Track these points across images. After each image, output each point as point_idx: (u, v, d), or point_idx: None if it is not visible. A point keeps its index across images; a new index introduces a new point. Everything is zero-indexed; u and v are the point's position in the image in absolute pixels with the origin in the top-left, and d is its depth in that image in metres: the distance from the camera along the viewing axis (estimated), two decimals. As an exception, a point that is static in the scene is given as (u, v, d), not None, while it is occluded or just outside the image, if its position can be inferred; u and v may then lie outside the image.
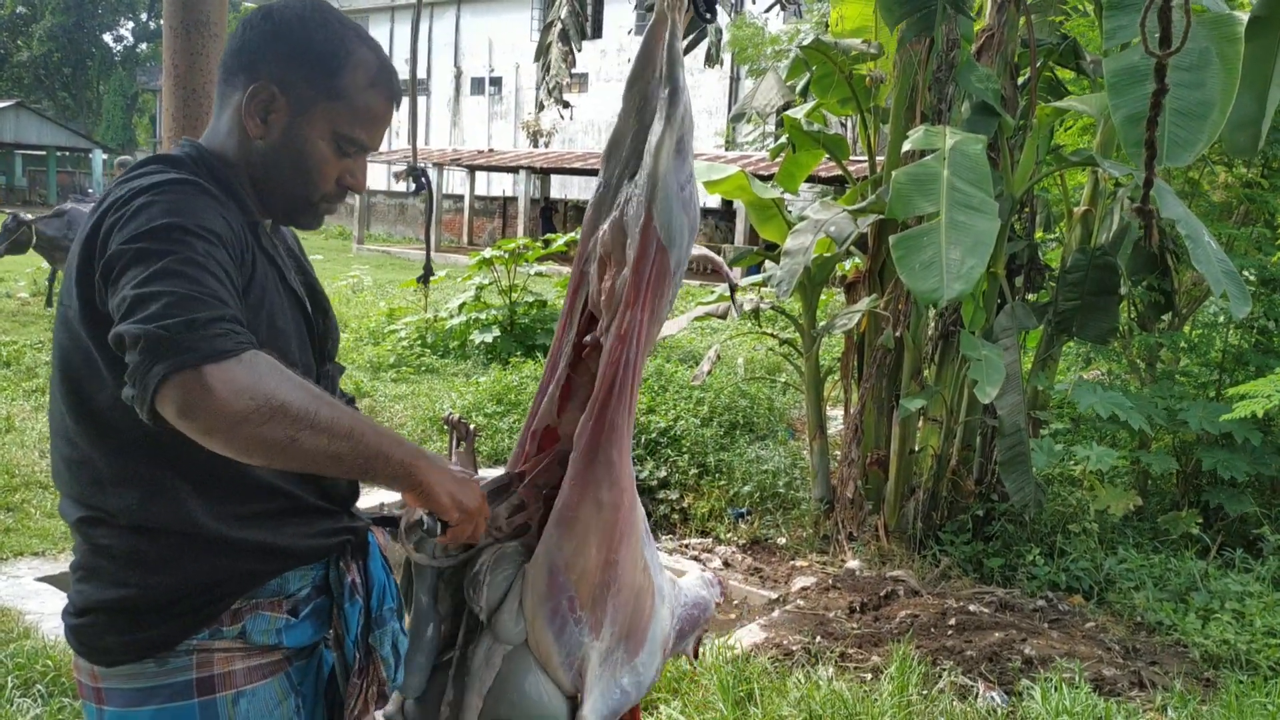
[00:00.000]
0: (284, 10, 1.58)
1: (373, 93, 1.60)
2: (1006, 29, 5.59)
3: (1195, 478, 5.95)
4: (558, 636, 1.80)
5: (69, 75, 57.18)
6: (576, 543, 1.79)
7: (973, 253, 4.36)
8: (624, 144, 1.88)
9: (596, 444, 1.79)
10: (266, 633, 1.56)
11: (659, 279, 1.81)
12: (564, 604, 1.79)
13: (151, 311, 1.29)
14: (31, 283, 14.51)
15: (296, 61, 1.56)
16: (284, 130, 1.57)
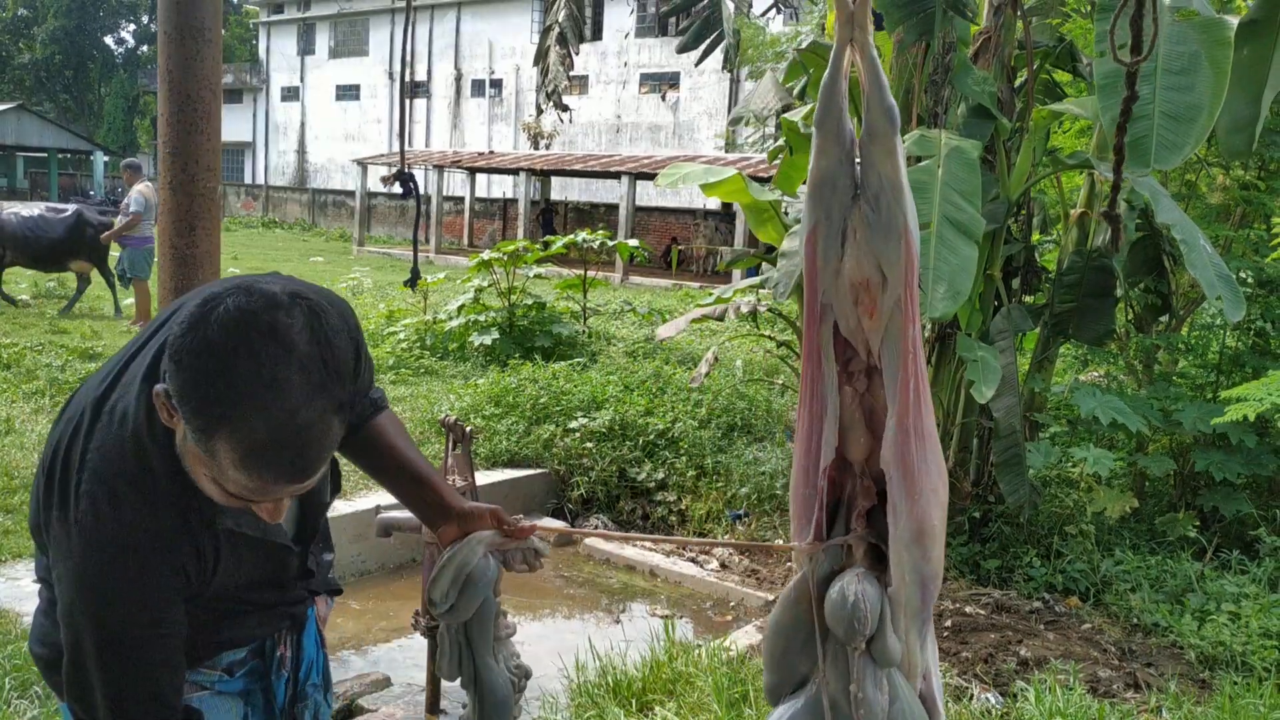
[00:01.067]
0: (205, 332, 1.36)
1: (238, 472, 1.38)
2: (1003, 31, 5.60)
3: (1192, 479, 5.95)
4: (922, 648, 1.85)
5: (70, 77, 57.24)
6: (939, 548, 1.85)
7: (957, 277, 4.40)
8: (834, 175, 1.86)
9: (924, 454, 1.84)
10: (201, 683, 1.67)
11: (917, 283, 1.87)
12: (929, 613, 1.86)
13: None
14: (32, 285, 14.53)
15: (183, 397, 1.37)
16: (184, 437, 1.44)
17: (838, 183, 1.85)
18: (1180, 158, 3.89)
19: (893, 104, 1.80)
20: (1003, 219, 5.51)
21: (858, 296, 1.87)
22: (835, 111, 1.82)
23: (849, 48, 1.80)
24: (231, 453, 1.35)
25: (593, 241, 12.15)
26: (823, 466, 1.90)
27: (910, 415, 1.83)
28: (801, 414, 1.95)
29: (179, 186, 2.80)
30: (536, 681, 4.31)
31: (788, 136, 6.31)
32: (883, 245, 1.83)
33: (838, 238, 1.87)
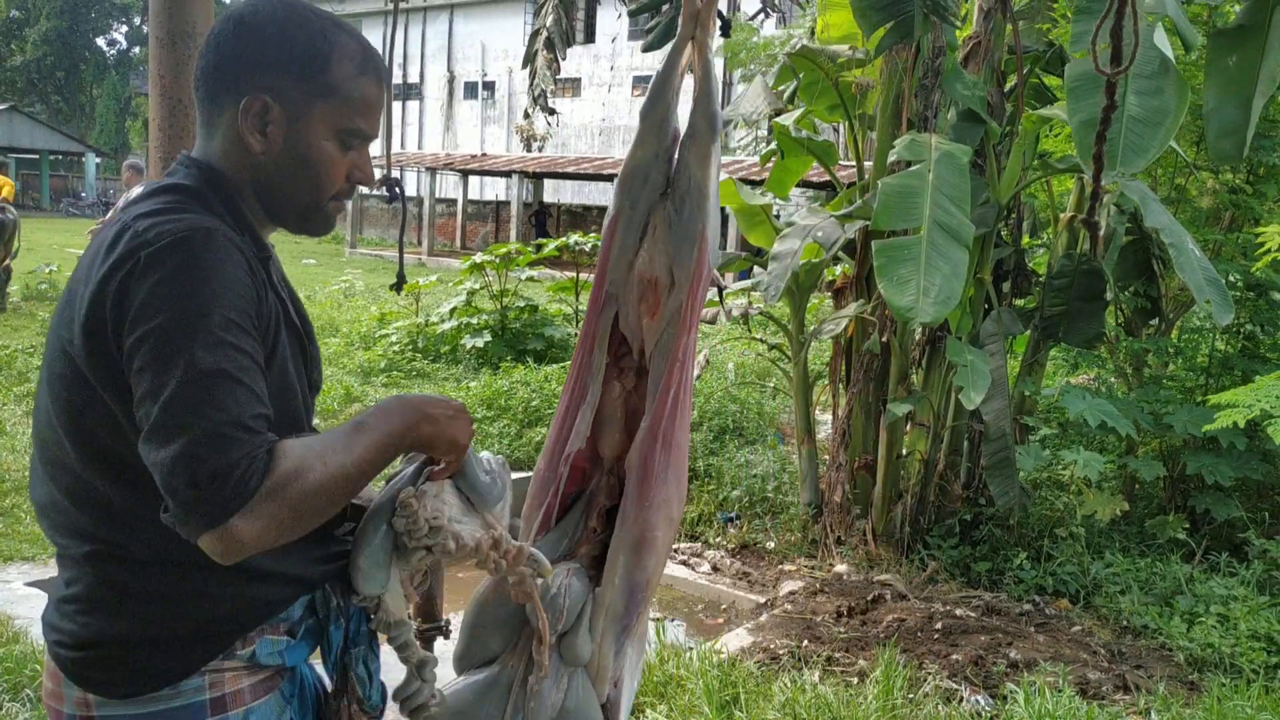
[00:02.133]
0: (256, 15, 1.51)
1: (363, 80, 1.55)
2: (993, 36, 5.63)
3: (1182, 482, 5.98)
4: (617, 654, 1.83)
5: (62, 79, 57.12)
6: (656, 561, 1.82)
7: (948, 284, 4.43)
8: (648, 166, 1.86)
9: (666, 465, 1.83)
10: (272, 655, 1.56)
11: (702, 302, 1.87)
12: (631, 621, 1.82)
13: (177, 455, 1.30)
14: (23, 286, 14.49)
15: (283, 66, 1.49)
16: (285, 138, 1.52)
17: (649, 176, 1.86)
18: (1146, 161, 3.94)
19: (717, 110, 1.81)
20: (993, 223, 5.53)
21: (643, 294, 1.87)
22: (661, 105, 1.84)
23: (689, 45, 1.81)
24: (351, 67, 1.53)
25: (585, 244, 12.15)
26: (567, 453, 1.92)
27: (664, 423, 1.84)
28: (563, 397, 1.96)
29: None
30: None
31: (779, 140, 6.33)
32: (678, 248, 1.84)
33: (638, 231, 1.88)
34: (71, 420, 1.46)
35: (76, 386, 1.44)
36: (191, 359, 1.33)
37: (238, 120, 1.50)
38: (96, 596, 1.49)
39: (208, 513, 1.30)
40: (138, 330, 1.35)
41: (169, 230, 1.39)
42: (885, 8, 4.78)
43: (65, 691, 1.52)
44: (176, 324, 1.34)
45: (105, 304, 1.37)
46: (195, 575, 1.47)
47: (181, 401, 1.32)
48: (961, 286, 4.51)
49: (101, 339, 1.38)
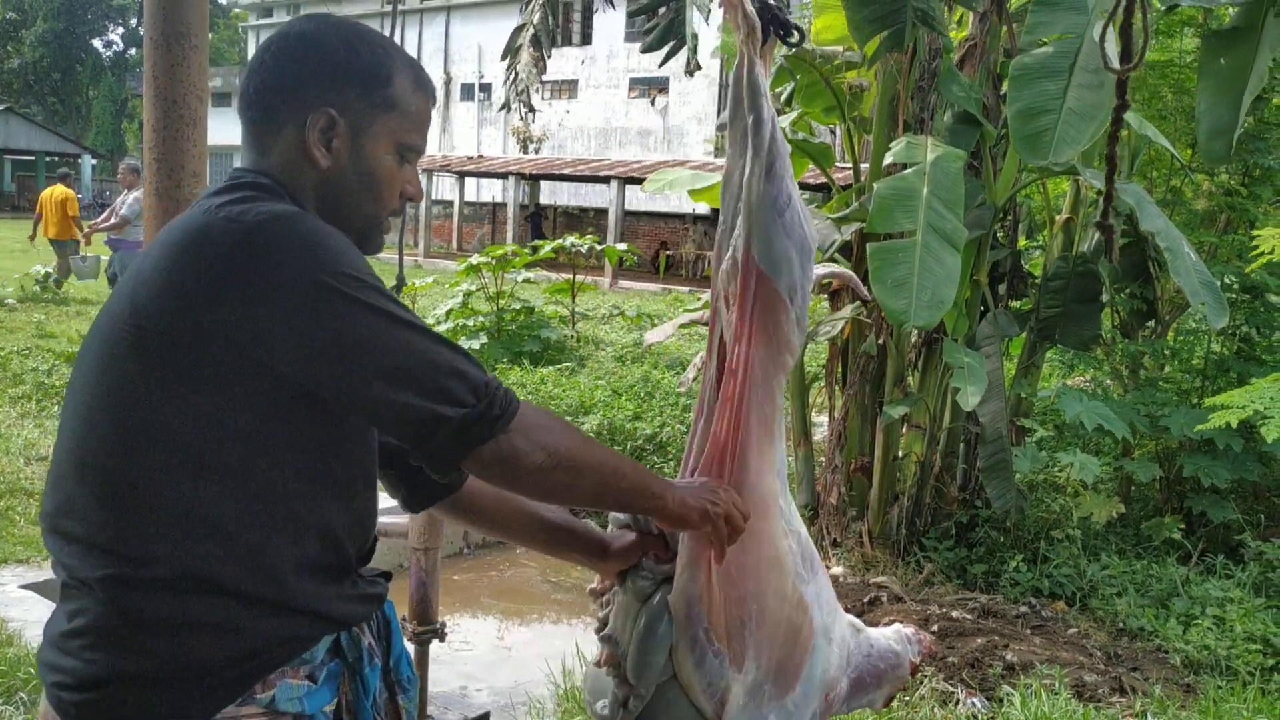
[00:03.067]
0: (317, 33, 1.53)
1: (419, 95, 1.58)
2: (989, 38, 5.63)
3: (1178, 484, 5.98)
4: (697, 665, 1.81)
5: (59, 81, 57.08)
6: (704, 579, 1.80)
7: (941, 287, 4.45)
8: (734, 180, 1.87)
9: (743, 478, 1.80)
10: (292, 700, 1.46)
11: (765, 309, 1.82)
12: (700, 635, 1.81)
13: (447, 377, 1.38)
14: (19, 289, 14.47)
15: (348, 81, 1.51)
16: (350, 153, 1.52)
17: (734, 188, 1.87)
18: (1075, 151, 4.08)
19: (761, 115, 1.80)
20: (989, 225, 5.53)
21: (729, 306, 1.88)
22: (739, 117, 1.84)
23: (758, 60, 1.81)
24: (409, 81, 1.56)
25: (581, 246, 12.17)
26: (690, 466, 1.90)
27: (728, 438, 1.81)
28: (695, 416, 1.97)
29: (165, 193, 2.80)
30: (524, 687, 4.32)
31: (775, 142, 6.32)
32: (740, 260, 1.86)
33: (728, 241, 1.89)
34: (135, 415, 1.39)
35: (155, 378, 1.37)
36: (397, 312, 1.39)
37: (302, 135, 1.50)
38: (107, 628, 1.40)
39: (491, 419, 1.39)
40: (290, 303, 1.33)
41: (280, 214, 1.38)
42: (879, 19, 4.79)
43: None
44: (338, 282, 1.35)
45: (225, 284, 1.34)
46: (220, 602, 1.41)
47: (409, 343, 1.38)
48: (955, 290, 4.53)
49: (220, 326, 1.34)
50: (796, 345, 1.87)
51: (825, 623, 1.93)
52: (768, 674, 1.85)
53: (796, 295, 1.83)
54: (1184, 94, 6.36)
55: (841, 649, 1.97)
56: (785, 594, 1.86)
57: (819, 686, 1.92)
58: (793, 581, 1.87)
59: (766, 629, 1.85)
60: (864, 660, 2.03)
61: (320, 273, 1.35)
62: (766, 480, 1.84)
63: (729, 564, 1.80)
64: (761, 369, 1.82)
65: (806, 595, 1.89)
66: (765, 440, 1.84)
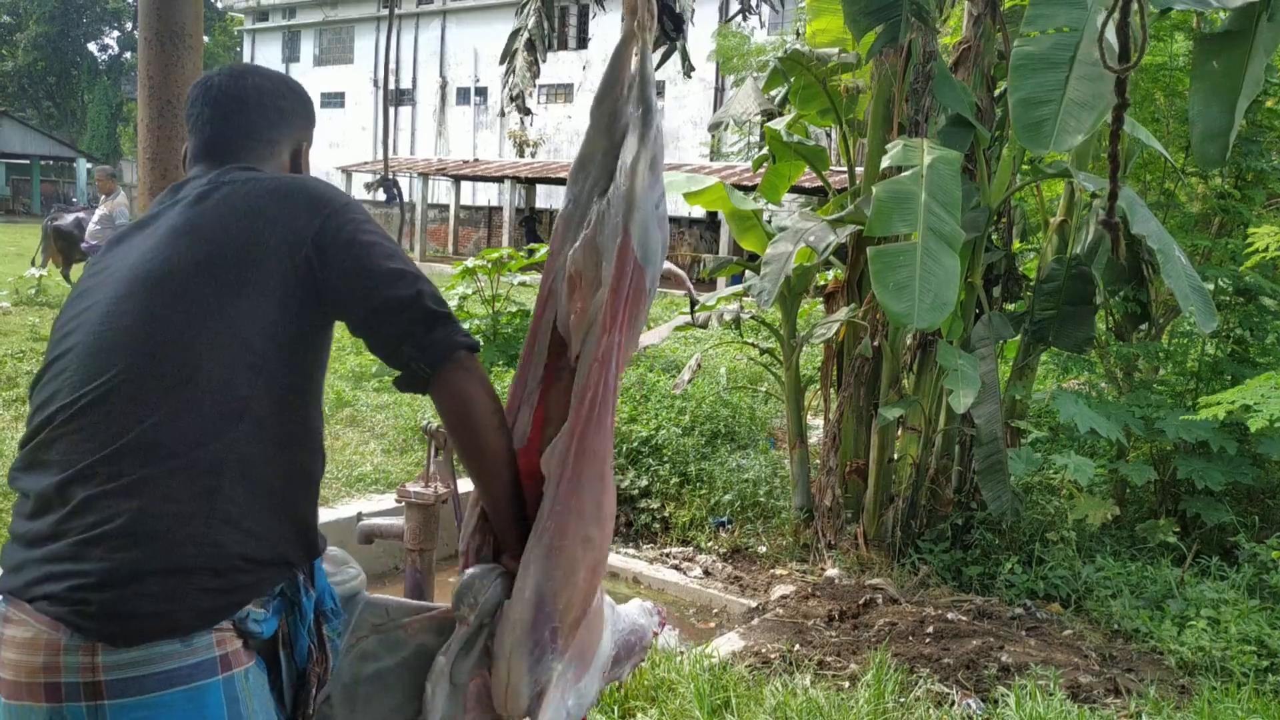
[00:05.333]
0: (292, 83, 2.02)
1: None
2: (983, 41, 5.65)
3: (1173, 486, 5.99)
4: (532, 667, 1.77)
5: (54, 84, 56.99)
6: (564, 573, 1.77)
7: (943, 289, 4.46)
8: (593, 161, 1.86)
9: (580, 473, 1.77)
10: (254, 623, 1.63)
11: (636, 298, 1.81)
12: (546, 635, 1.77)
13: (421, 290, 1.69)
14: (14, 292, 14.44)
15: (309, 117, 2.02)
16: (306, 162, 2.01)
17: (591, 170, 1.86)
18: (1076, 142, 4.07)
19: (651, 103, 1.81)
20: (984, 227, 5.54)
21: (573, 290, 1.85)
22: (609, 100, 1.84)
23: (634, 39, 1.80)
24: None
25: (577, 249, 12.15)
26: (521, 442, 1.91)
27: (580, 427, 1.79)
28: (509, 399, 1.94)
29: (159, 192, 2.80)
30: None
31: (771, 145, 6.34)
32: (607, 243, 1.81)
33: (580, 222, 1.87)
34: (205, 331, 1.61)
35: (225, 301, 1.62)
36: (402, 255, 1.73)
37: (298, 155, 1.97)
38: (139, 528, 1.53)
39: (457, 330, 1.68)
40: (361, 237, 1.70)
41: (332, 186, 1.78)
42: (874, 13, 4.81)
43: (65, 660, 1.49)
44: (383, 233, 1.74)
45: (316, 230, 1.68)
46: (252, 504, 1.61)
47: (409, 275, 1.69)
48: (955, 293, 4.54)
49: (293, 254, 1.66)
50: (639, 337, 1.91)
51: (606, 614, 2.00)
52: (572, 660, 1.85)
53: (655, 287, 1.86)
54: (1176, 97, 6.37)
55: (611, 628, 2.03)
56: (598, 586, 1.89)
57: (602, 669, 1.95)
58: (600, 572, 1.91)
59: (588, 621, 1.86)
60: (622, 636, 2.08)
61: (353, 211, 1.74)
62: (610, 465, 1.85)
63: (593, 558, 1.80)
64: (620, 360, 1.82)
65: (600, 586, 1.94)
66: (610, 430, 1.86)
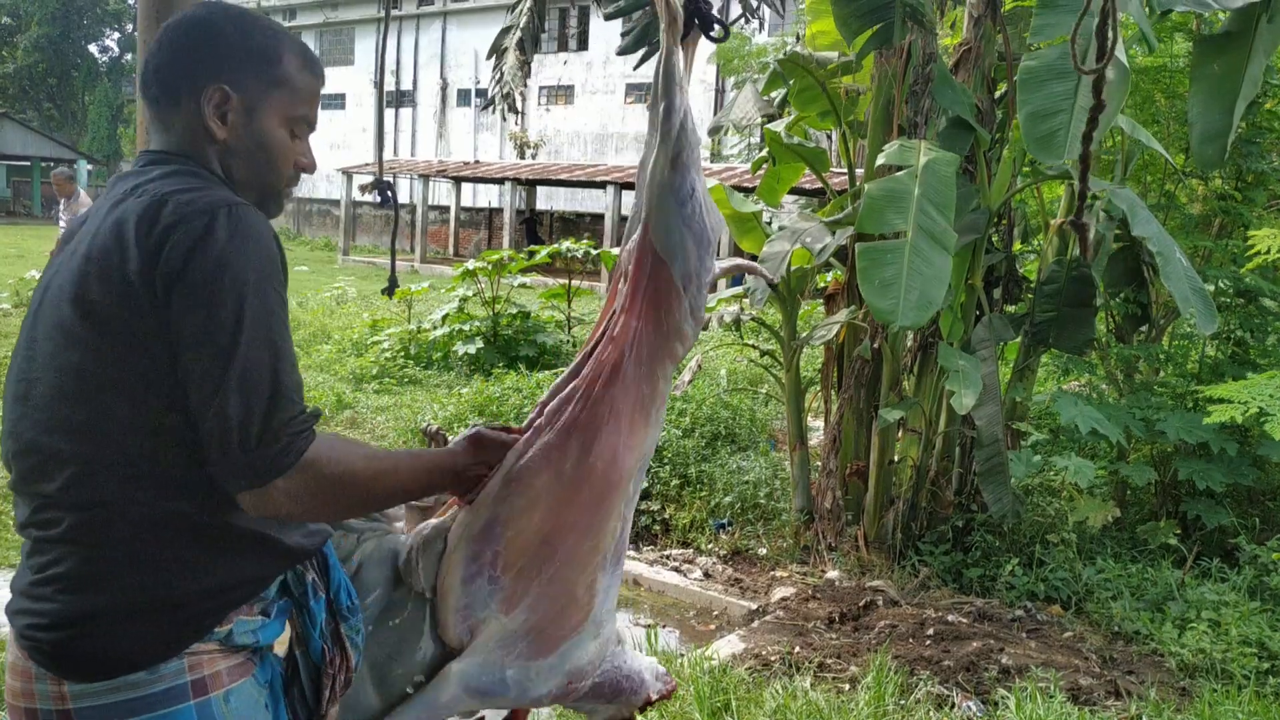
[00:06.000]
0: (212, 16, 1.65)
1: (307, 73, 1.71)
2: (983, 43, 5.64)
3: (1173, 488, 5.98)
4: (465, 582, 1.81)
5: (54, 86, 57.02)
6: (525, 503, 1.80)
7: (930, 288, 4.45)
8: (646, 164, 1.90)
9: (573, 425, 1.82)
10: (246, 634, 1.59)
11: (659, 292, 1.85)
12: (487, 555, 1.81)
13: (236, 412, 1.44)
14: (14, 294, 14.45)
15: (239, 60, 1.63)
16: (244, 126, 1.64)
17: (644, 171, 1.89)
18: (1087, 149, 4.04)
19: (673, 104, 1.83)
20: (984, 229, 5.54)
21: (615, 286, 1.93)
22: (659, 104, 1.85)
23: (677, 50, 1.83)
24: (297, 61, 1.68)
25: (577, 251, 12.16)
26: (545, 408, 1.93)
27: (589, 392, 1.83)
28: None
29: (158, 196, 2.80)
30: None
31: (771, 147, 6.34)
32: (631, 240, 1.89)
33: (633, 226, 1.94)
34: (95, 378, 1.49)
35: (105, 347, 1.48)
36: (253, 323, 1.45)
37: (200, 111, 1.61)
38: (84, 571, 1.50)
39: (257, 469, 1.45)
40: (196, 289, 1.44)
41: (216, 201, 1.49)
42: (866, 14, 4.80)
43: (37, 688, 1.50)
44: (235, 286, 1.44)
45: (158, 266, 1.44)
46: (187, 541, 1.52)
47: (244, 364, 1.44)
48: (943, 292, 4.53)
49: (150, 297, 1.45)
50: (689, 335, 1.89)
51: (601, 617, 1.95)
52: (530, 631, 1.85)
53: (691, 284, 1.86)
54: (1176, 99, 6.36)
55: (602, 650, 1.98)
56: (587, 569, 1.88)
57: (568, 669, 1.91)
58: (598, 561, 1.89)
59: (553, 590, 1.85)
60: (613, 670, 2.04)
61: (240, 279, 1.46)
62: (628, 457, 1.86)
63: (560, 514, 1.82)
64: (648, 349, 1.85)
65: (599, 582, 1.91)
66: (639, 419, 1.86)
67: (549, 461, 1.81)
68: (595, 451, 1.82)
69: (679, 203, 1.83)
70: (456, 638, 1.83)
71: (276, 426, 1.45)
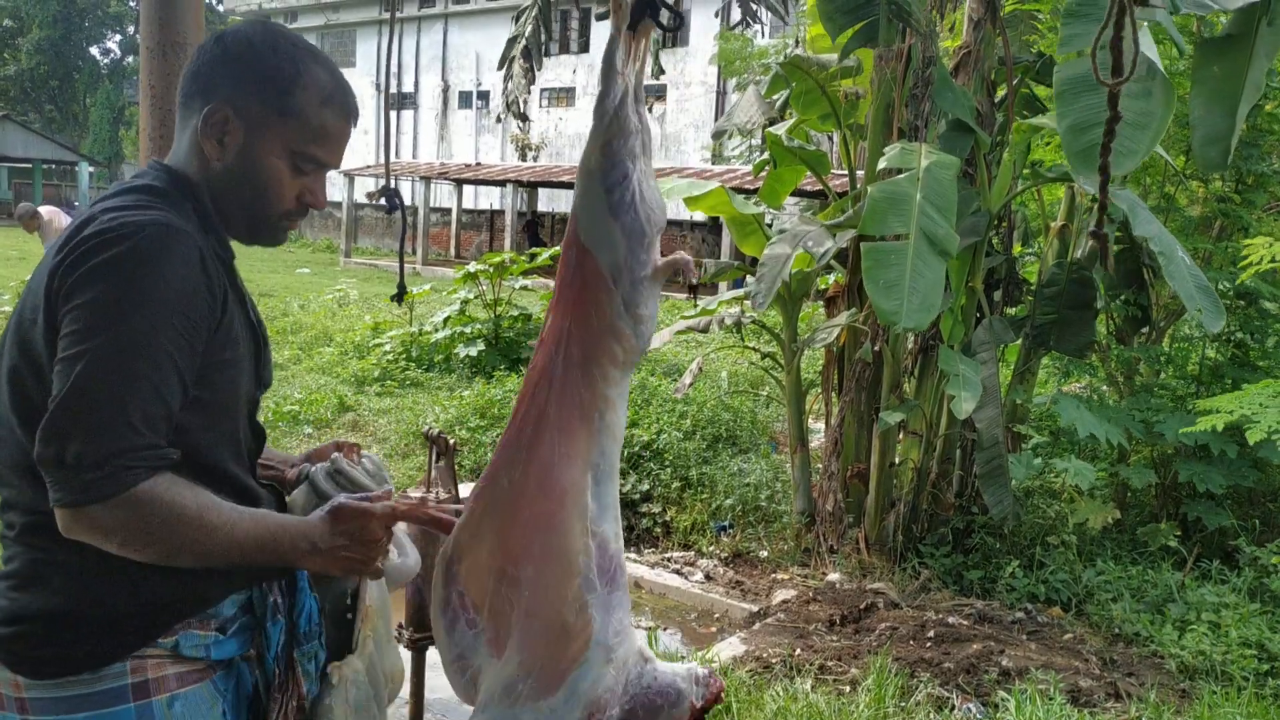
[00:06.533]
0: (235, 34, 1.62)
1: (326, 111, 1.63)
2: (983, 46, 5.66)
3: (1174, 490, 5.99)
4: (448, 631, 1.80)
5: (56, 88, 57.09)
6: (468, 536, 1.77)
7: (932, 291, 4.47)
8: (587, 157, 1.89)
9: (503, 444, 1.80)
10: (196, 647, 1.58)
11: (587, 285, 1.78)
12: (453, 597, 1.79)
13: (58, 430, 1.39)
14: (15, 296, 14.46)
15: (248, 83, 1.58)
16: (239, 151, 1.60)
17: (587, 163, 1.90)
18: (1135, 162, 4.00)
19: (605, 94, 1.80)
20: (984, 231, 5.55)
21: None
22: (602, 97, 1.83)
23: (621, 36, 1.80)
24: (316, 96, 1.60)
25: (579, 253, 12.15)
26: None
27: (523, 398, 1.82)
28: None
29: (161, 201, 2.81)
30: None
31: (772, 150, 6.35)
32: None
33: None
34: (18, 395, 1.51)
35: (25, 364, 1.50)
36: (111, 344, 1.41)
37: (199, 127, 1.59)
38: (30, 572, 1.53)
39: (72, 488, 1.40)
40: (71, 303, 1.42)
41: (130, 222, 1.45)
42: (850, 12, 4.80)
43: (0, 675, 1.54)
44: (106, 306, 1.41)
45: (55, 282, 1.45)
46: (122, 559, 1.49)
47: (85, 382, 1.40)
48: (942, 295, 4.55)
49: (50, 316, 1.45)
50: (627, 333, 1.80)
51: (607, 640, 1.82)
52: (527, 671, 1.78)
53: (622, 277, 1.78)
54: (1177, 101, 6.36)
55: (620, 673, 1.85)
56: (565, 594, 1.78)
57: (583, 701, 1.80)
58: (578, 584, 1.78)
59: (536, 623, 1.77)
60: (642, 691, 1.89)
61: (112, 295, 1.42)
62: (567, 469, 1.77)
63: (506, 541, 1.76)
64: (579, 348, 1.78)
65: (591, 604, 1.79)
66: (579, 424, 1.78)
67: (484, 487, 1.78)
68: (526, 468, 1.75)
69: (606, 189, 1.78)
70: (465, 694, 1.82)
71: (104, 453, 1.39)
